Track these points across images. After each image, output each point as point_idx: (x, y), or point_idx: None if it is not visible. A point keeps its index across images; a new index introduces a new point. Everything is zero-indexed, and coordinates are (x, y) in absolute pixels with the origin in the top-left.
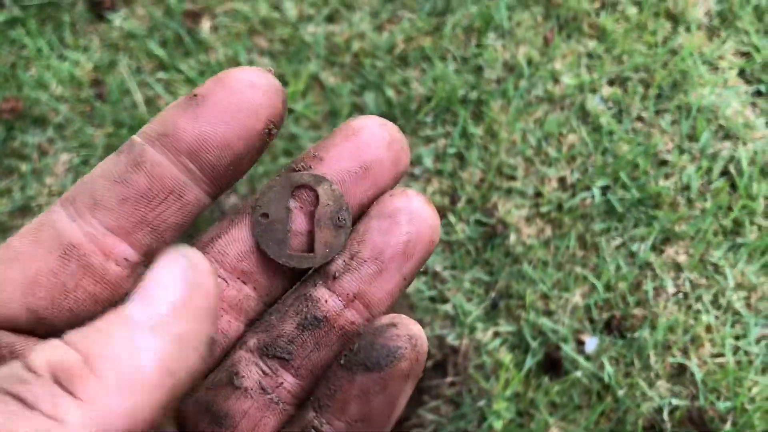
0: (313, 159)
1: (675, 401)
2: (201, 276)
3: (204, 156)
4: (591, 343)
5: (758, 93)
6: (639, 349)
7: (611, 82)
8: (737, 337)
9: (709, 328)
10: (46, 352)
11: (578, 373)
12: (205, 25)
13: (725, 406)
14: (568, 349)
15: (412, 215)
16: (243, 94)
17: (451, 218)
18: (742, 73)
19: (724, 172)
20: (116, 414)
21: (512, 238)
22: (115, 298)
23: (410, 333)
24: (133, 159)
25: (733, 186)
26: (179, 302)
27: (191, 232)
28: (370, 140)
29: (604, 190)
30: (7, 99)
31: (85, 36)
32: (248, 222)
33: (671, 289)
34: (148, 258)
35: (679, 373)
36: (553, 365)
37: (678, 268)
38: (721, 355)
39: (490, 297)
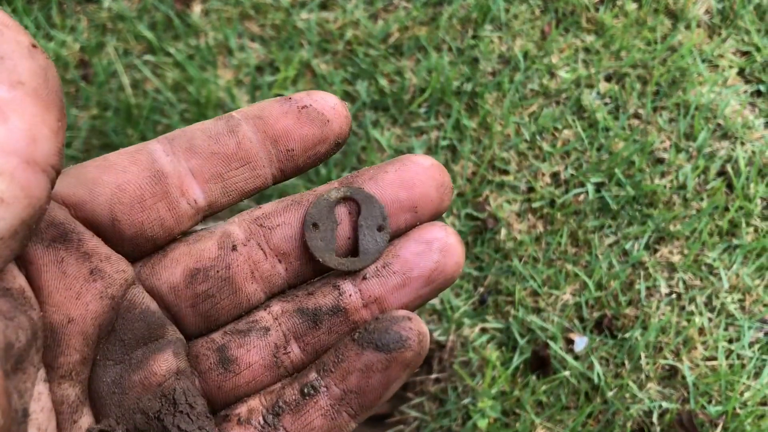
0: (369, 181)
1: (665, 404)
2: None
3: (284, 145)
4: (580, 342)
5: (758, 93)
6: (630, 349)
7: (608, 78)
8: (730, 341)
9: (702, 331)
10: None
11: (567, 373)
12: (196, 8)
13: (716, 410)
14: (557, 347)
15: (445, 248)
16: (326, 110)
17: None
18: (741, 72)
19: (721, 172)
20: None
21: (503, 233)
22: (178, 228)
23: (420, 330)
24: (230, 126)
25: (730, 186)
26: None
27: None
28: (423, 178)
29: (599, 186)
30: None
31: (72, 16)
32: (303, 213)
33: (664, 290)
34: (211, 207)
35: (670, 375)
36: (540, 364)
37: (672, 268)
38: (714, 358)
39: (478, 292)
